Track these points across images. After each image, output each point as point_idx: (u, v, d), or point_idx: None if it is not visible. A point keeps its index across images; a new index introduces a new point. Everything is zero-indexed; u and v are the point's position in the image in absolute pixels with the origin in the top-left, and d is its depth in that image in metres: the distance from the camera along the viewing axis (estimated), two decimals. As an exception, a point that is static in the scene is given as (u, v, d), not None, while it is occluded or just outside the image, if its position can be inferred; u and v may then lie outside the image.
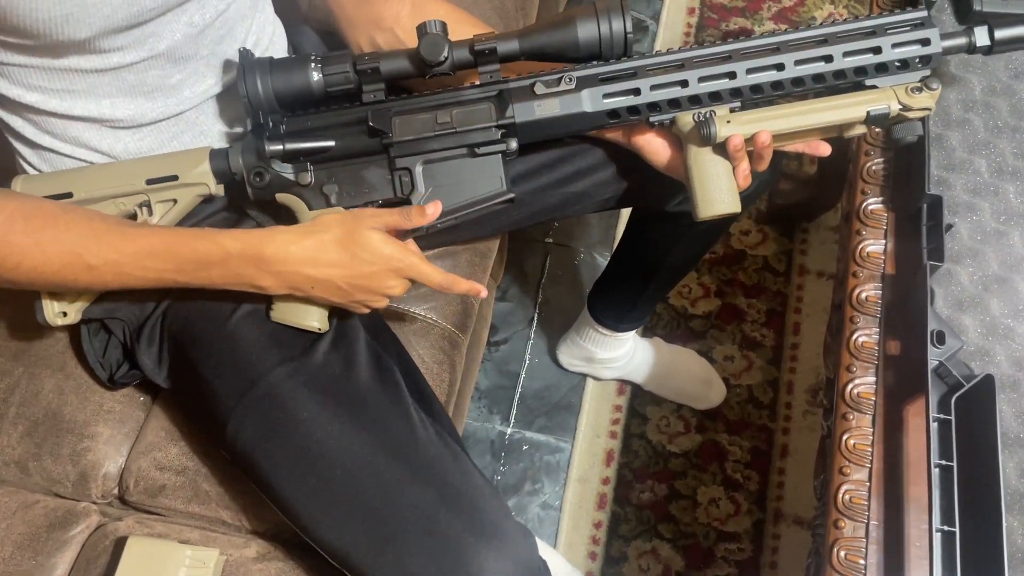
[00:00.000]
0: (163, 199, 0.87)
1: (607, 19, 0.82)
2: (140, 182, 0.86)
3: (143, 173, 0.86)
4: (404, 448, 0.84)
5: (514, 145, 0.86)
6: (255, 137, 0.86)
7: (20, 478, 1.01)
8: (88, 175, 0.86)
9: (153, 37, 0.80)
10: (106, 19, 0.75)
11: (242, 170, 0.86)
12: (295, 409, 0.84)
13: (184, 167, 0.86)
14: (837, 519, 0.79)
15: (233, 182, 0.87)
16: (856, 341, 0.87)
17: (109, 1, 0.74)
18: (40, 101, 0.82)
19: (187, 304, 0.90)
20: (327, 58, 0.83)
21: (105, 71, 0.80)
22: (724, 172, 0.84)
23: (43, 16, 0.72)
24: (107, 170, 0.87)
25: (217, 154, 0.86)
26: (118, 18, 0.76)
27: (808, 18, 1.99)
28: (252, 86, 0.82)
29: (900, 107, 0.82)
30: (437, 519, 0.82)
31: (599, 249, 1.76)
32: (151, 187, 0.86)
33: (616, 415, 1.58)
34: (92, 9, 0.74)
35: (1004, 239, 0.92)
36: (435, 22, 0.82)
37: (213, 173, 0.86)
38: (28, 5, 0.71)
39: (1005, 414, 0.83)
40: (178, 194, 0.86)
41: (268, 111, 0.84)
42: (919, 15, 0.82)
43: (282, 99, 0.83)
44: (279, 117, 0.85)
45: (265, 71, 0.82)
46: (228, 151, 0.86)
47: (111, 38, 0.78)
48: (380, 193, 0.87)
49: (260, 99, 0.83)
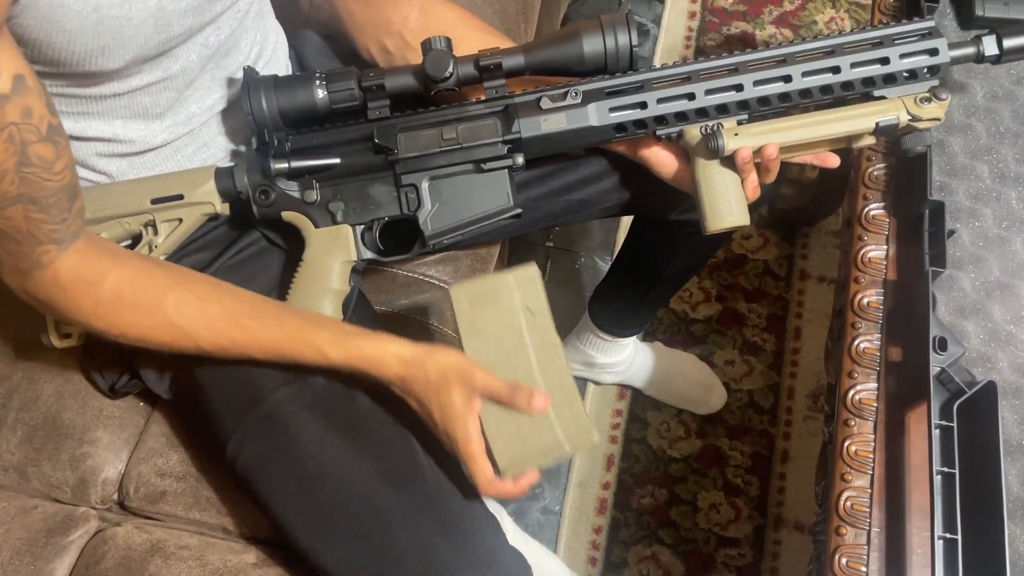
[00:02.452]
0: (168, 219, 0.87)
1: (612, 33, 0.81)
2: (145, 201, 0.86)
3: (148, 192, 0.86)
4: (404, 476, 0.84)
5: (520, 160, 0.85)
6: (260, 155, 0.86)
7: (19, 483, 1.00)
8: (93, 195, 0.86)
9: (168, 59, 0.80)
10: (139, 49, 0.75)
11: (247, 188, 0.86)
12: (296, 432, 0.83)
13: (189, 186, 0.86)
14: (838, 526, 0.79)
15: (238, 200, 0.87)
16: (858, 347, 0.87)
17: (142, 31, 0.74)
18: None
19: None
20: (332, 75, 0.83)
21: (121, 95, 0.80)
22: (732, 185, 0.84)
23: (79, 49, 0.72)
24: (112, 190, 0.87)
25: (222, 173, 0.86)
26: (149, 47, 0.76)
27: (809, 22, 1.99)
28: (257, 104, 0.82)
29: (909, 118, 0.81)
30: (434, 549, 0.81)
31: (600, 254, 1.75)
32: (156, 207, 0.86)
33: (616, 420, 1.58)
34: (127, 41, 0.74)
35: (1006, 245, 0.92)
36: (440, 38, 0.81)
37: (218, 192, 0.86)
38: (66, 39, 0.71)
39: (1007, 421, 0.83)
40: (183, 213, 0.86)
41: (273, 129, 0.83)
42: (927, 25, 0.82)
43: (287, 117, 0.83)
44: (284, 135, 0.85)
45: (270, 89, 0.82)
46: (233, 169, 0.86)
47: (138, 68, 0.78)
48: (386, 210, 0.87)
49: (265, 117, 0.82)
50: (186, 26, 0.78)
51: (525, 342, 0.79)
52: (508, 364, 0.79)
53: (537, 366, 0.79)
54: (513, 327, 0.79)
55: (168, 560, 0.93)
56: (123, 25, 0.73)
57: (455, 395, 0.77)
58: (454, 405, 0.77)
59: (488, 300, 0.80)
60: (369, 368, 0.78)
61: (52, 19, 0.69)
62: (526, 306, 0.80)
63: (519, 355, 0.79)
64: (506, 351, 0.79)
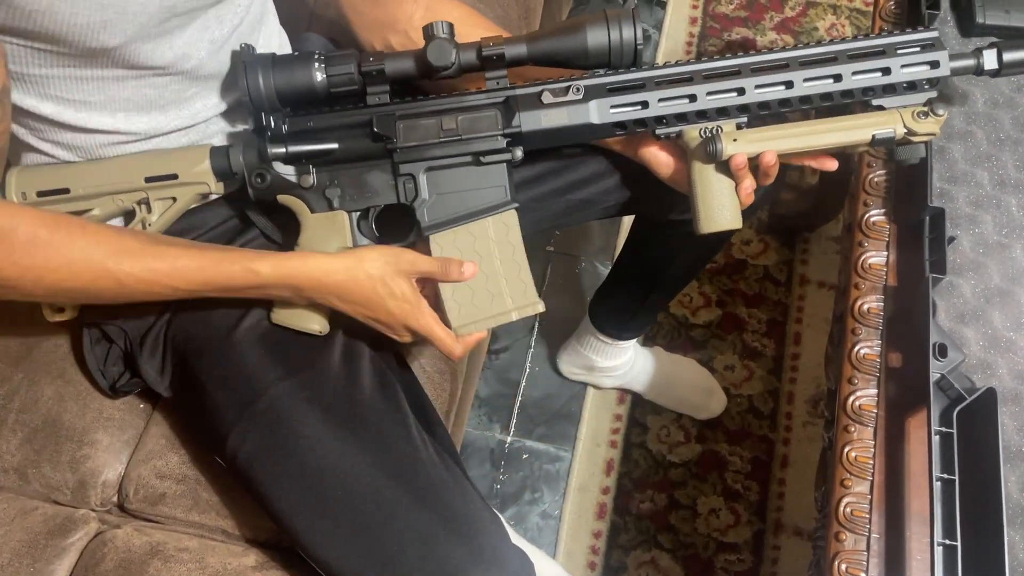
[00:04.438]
0: (162, 197, 0.86)
1: (617, 27, 0.81)
2: (139, 179, 0.85)
3: (142, 170, 0.85)
4: (405, 469, 0.84)
5: (519, 154, 0.85)
6: (257, 137, 0.85)
7: (19, 485, 1.00)
8: (86, 170, 0.85)
9: (183, 59, 0.80)
10: (141, 26, 0.75)
11: (243, 169, 0.85)
12: (297, 425, 0.83)
13: (184, 165, 0.85)
14: (838, 531, 0.79)
15: (234, 181, 0.86)
16: (858, 353, 0.87)
17: (146, 8, 0.74)
18: (55, 112, 0.80)
19: (191, 314, 0.89)
20: (331, 57, 0.82)
21: (126, 80, 0.80)
22: (727, 188, 0.84)
23: (82, 21, 0.71)
24: (106, 166, 0.85)
25: (217, 152, 0.85)
26: (151, 24, 0.75)
27: (810, 28, 2.00)
28: (254, 82, 0.80)
29: (905, 131, 0.82)
30: (436, 542, 0.81)
31: (600, 258, 1.76)
32: (150, 185, 0.85)
33: (616, 424, 1.58)
34: (131, 16, 0.73)
35: (1006, 252, 0.92)
36: (442, 24, 0.81)
37: (213, 171, 0.85)
38: (69, 10, 0.70)
39: (1007, 427, 0.83)
40: (178, 192, 0.85)
41: (270, 109, 0.82)
42: (930, 36, 0.82)
43: (284, 97, 0.81)
44: (281, 117, 0.84)
45: (267, 67, 0.81)
46: (229, 149, 0.85)
47: (138, 49, 0.77)
48: (383, 198, 0.87)
49: (262, 96, 0.81)
50: (190, 5, 0.77)
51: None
52: (468, 233, 0.87)
53: (495, 238, 0.87)
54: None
55: (168, 563, 0.93)
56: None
57: (402, 284, 0.82)
58: (406, 294, 0.82)
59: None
60: (304, 284, 0.80)
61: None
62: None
63: (478, 225, 0.86)
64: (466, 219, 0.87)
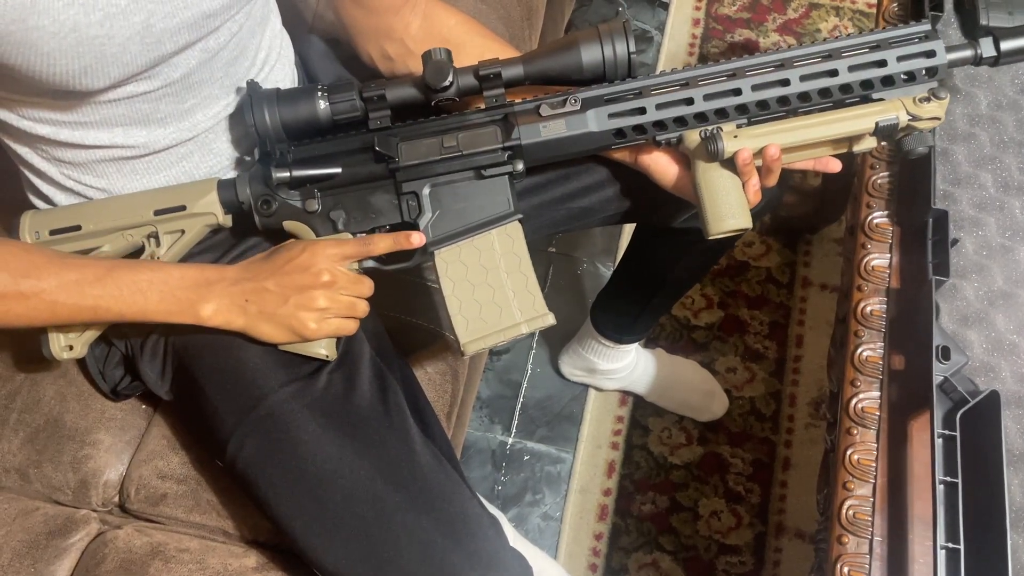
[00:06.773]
0: (171, 230, 0.87)
1: (610, 42, 0.82)
2: (148, 213, 0.86)
3: (151, 204, 0.87)
4: (404, 473, 0.84)
5: (521, 166, 0.85)
6: (262, 166, 0.86)
7: (20, 485, 1.00)
8: (96, 208, 0.87)
9: (169, 67, 0.80)
10: (125, 67, 0.75)
11: (249, 199, 0.86)
12: (296, 431, 0.83)
13: (192, 197, 0.86)
14: (840, 534, 0.79)
15: (241, 212, 0.87)
16: (860, 355, 0.87)
17: (128, 51, 0.74)
18: (52, 133, 0.81)
19: None
20: (333, 87, 0.84)
21: (119, 101, 0.80)
22: (733, 188, 0.84)
23: (60, 70, 0.72)
24: (115, 202, 0.87)
25: (225, 184, 0.87)
26: (137, 65, 0.76)
27: (813, 30, 2.00)
28: (260, 118, 0.83)
29: (909, 117, 0.81)
30: (434, 546, 0.81)
31: (602, 259, 1.75)
32: (159, 218, 0.86)
33: (618, 426, 1.58)
34: (111, 59, 0.73)
35: (1010, 254, 0.92)
36: (440, 50, 0.82)
37: (221, 203, 0.86)
38: (45, 61, 0.71)
39: (1010, 430, 0.82)
40: (186, 224, 0.87)
41: (275, 141, 0.84)
42: (923, 28, 0.82)
43: (289, 129, 0.84)
44: (286, 146, 0.86)
45: (272, 102, 0.83)
46: (235, 181, 0.87)
47: (127, 81, 0.78)
48: (387, 218, 0.87)
49: (268, 130, 0.83)
50: (181, 43, 0.78)
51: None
52: (472, 247, 0.86)
53: (500, 250, 0.85)
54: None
55: (168, 563, 0.93)
56: (104, 44, 0.72)
57: (340, 266, 0.83)
58: (293, 243, 0.84)
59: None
60: (203, 270, 0.83)
61: (28, 43, 0.69)
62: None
63: (482, 238, 0.86)
64: (470, 233, 0.86)
